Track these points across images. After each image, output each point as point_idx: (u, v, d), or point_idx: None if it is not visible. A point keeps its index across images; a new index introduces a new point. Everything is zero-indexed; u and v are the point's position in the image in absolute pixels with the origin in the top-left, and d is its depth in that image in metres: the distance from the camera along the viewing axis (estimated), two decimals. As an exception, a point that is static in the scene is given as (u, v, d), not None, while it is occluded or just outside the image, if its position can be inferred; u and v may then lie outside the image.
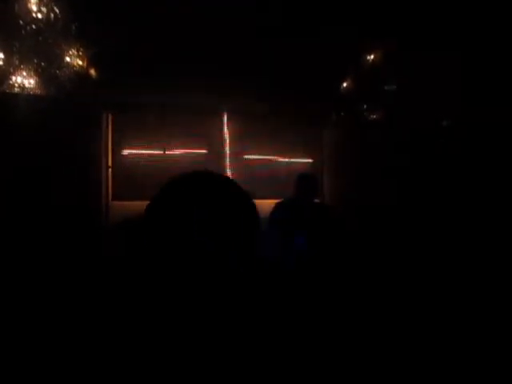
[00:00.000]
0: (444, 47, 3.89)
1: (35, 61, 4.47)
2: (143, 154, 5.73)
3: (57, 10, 4.25)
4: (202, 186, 0.92)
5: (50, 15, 4.23)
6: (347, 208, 5.73)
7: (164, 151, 5.79)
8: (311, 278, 3.21)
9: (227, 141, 6.17)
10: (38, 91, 4.60)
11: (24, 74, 4.49)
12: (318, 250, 3.48)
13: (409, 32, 4.26)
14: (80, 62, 4.79)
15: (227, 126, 6.19)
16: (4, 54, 4.32)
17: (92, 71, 4.97)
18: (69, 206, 4.42)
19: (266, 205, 4.99)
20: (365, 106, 5.50)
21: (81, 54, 4.75)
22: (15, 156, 4.23)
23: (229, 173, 6.08)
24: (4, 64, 4.36)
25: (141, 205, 4.92)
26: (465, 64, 3.74)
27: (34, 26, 4.22)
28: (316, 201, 4.19)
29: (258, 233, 0.95)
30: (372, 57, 5.12)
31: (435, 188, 4.14)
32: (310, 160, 6.57)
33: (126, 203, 5.43)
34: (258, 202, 5.33)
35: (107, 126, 5.53)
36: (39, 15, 4.20)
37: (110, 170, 5.51)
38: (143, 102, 5.62)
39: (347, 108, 5.94)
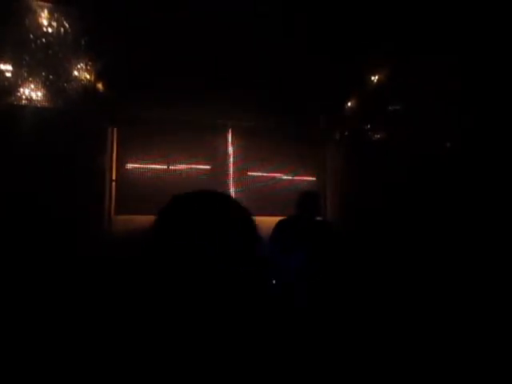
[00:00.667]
0: (448, 67, 3.92)
1: (43, 74, 4.52)
2: (147, 168, 5.75)
3: (67, 25, 4.32)
4: (204, 203, 0.93)
5: (60, 29, 4.30)
6: (350, 225, 5.72)
7: (168, 166, 5.81)
8: (311, 294, 3.19)
9: (231, 157, 6.19)
10: (46, 104, 4.65)
11: (32, 86, 4.55)
12: (318, 267, 3.47)
13: (414, 51, 4.30)
14: (88, 76, 4.85)
15: (231, 142, 6.22)
16: (13, 66, 4.38)
17: (99, 85, 5.03)
18: (72, 219, 4.42)
19: (268, 222, 5.00)
20: (368, 126, 5.53)
21: (89, 68, 4.81)
22: (21, 167, 4.26)
23: (232, 189, 6.09)
24: (13, 76, 4.42)
25: (144, 219, 4.93)
26: (468, 86, 3.77)
27: (43, 40, 4.29)
28: (318, 218, 4.19)
29: (257, 246, 0.95)
30: (376, 77, 5.17)
31: (435, 209, 4.14)
32: (314, 178, 6.58)
33: (129, 217, 5.44)
34: (260, 218, 5.32)
35: (112, 140, 5.56)
36: (49, 29, 4.27)
37: (113, 183, 5.53)
38: (148, 117, 5.66)
39: (351, 127, 5.98)
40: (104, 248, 4.64)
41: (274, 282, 3.93)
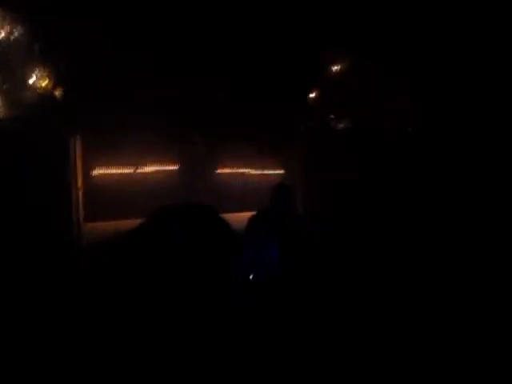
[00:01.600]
0: (408, 55, 4.01)
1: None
2: (114, 173, 5.66)
3: (18, 32, 4.20)
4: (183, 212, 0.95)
5: (10, 37, 4.18)
6: (319, 216, 5.78)
7: (135, 170, 5.74)
8: (283, 289, 3.21)
9: (199, 156, 6.17)
10: (4, 113, 4.51)
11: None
12: (290, 262, 3.48)
13: (372, 41, 4.38)
14: (47, 84, 4.72)
15: (198, 141, 6.19)
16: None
17: (57, 93, 4.90)
18: (40, 229, 4.32)
19: (238, 217, 5.00)
20: (332, 116, 5.60)
21: (47, 75, 4.68)
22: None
23: (200, 187, 6.03)
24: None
25: (112, 225, 4.82)
26: (426, 70, 3.86)
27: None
28: (292, 211, 4.22)
29: (230, 244, 0.97)
30: (336, 67, 5.23)
31: (401, 193, 4.23)
32: (282, 171, 6.62)
33: (97, 224, 5.36)
34: (231, 214, 5.30)
35: (75, 148, 5.42)
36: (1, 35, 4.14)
37: (80, 191, 5.42)
38: (111, 122, 5.54)
39: (315, 118, 6.03)
40: (75, 255, 4.55)
41: (251, 277, 3.92)
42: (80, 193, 5.38)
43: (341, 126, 5.42)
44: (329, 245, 4.69)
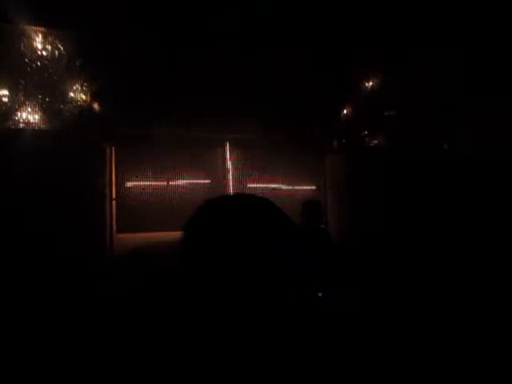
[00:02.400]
0: (447, 71, 3.95)
1: (40, 96, 4.54)
2: (147, 185, 5.74)
3: (61, 47, 4.35)
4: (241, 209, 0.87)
5: (54, 52, 4.33)
6: (351, 234, 5.70)
7: (168, 182, 5.81)
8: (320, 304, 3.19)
9: (230, 170, 6.19)
10: (43, 126, 4.66)
11: (29, 109, 4.56)
12: (324, 277, 3.47)
13: (408, 58, 4.34)
14: (84, 97, 4.87)
15: (230, 155, 6.23)
16: (9, 91, 4.40)
17: (96, 105, 5.04)
18: (74, 239, 4.40)
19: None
20: (366, 132, 5.55)
21: (85, 88, 4.83)
22: (22, 191, 4.25)
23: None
24: (9, 101, 4.44)
25: (145, 236, 4.89)
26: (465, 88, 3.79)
27: (39, 63, 4.32)
28: (322, 226, 4.19)
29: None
30: (371, 83, 5.20)
31: (436, 214, 4.13)
32: (314, 187, 6.58)
33: (130, 235, 5.42)
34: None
35: (111, 159, 5.56)
36: (44, 52, 4.30)
37: (114, 202, 5.52)
38: (146, 134, 5.66)
39: (349, 134, 5.99)
40: (107, 266, 4.61)
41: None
42: (114, 204, 5.49)
43: (375, 143, 5.35)
44: (357, 260, 4.62)
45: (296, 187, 6.47)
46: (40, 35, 4.23)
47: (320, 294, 3.52)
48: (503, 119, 3.68)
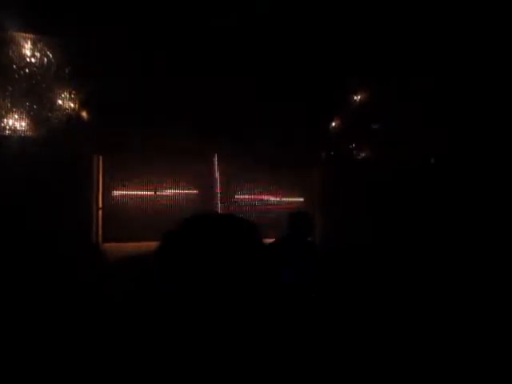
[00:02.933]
0: (433, 85, 4.01)
1: (27, 103, 4.51)
2: (134, 194, 5.70)
3: (50, 55, 4.33)
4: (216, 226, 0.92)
5: (43, 59, 4.31)
6: (338, 246, 5.71)
7: (155, 192, 5.78)
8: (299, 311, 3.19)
9: (218, 181, 6.19)
10: (30, 133, 4.62)
11: (16, 116, 4.52)
12: (304, 287, 3.48)
13: (395, 71, 4.39)
14: (72, 105, 4.84)
15: (218, 166, 6.23)
16: (-4, 97, 4.36)
17: (84, 113, 5.01)
18: (59, 247, 4.35)
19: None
20: (353, 145, 5.60)
21: (73, 96, 4.81)
22: (7, 197, 4.20)
23: (219, 211, 6.06)
24: (-4, 107, 4.40)
25: (132, 246, 4.85)
26: (450, 101, 3.85)
27: (27, 70, 4.29)
28: (309, 239, 4.19)
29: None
30: (359, 96, 5.26)
31: (423, 226, 4.16)
32: (302, 199, 6.60)
33: (116, 245, 5.37)
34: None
35: (98, 168, 5.52)
36: (33, 59, 4.27)
37: (100, 211, 5.47)
38: (133, 144, 5.64)
39: (337, 147, 6.04)
40: (93, 275, 4.55)
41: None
42: (100, 213, 5.44)
43: (362, 155, 5.40)
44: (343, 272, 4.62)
45: (284, 199, 6.49)
46: (29, 42, 4.20)
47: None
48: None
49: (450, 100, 3.87)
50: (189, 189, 6.04)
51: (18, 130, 4.54)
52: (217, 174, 6.23)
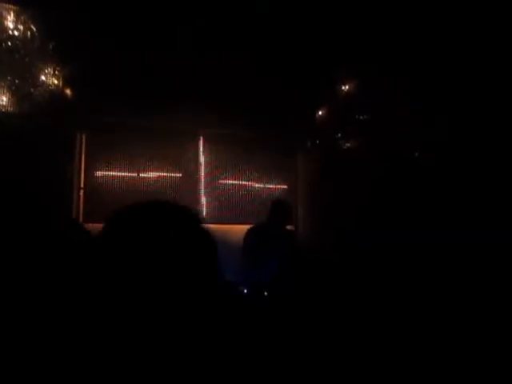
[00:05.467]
0: (420, 76, 4.01)
1: (9, 78, 4.40)
2: (116, 176, 5.64)
3: (34, 29, 4.22)
4: (155, 214, 0.92)
5: (26, 33, 4.20)
6: (321, 234, 5.75)
7: (138, 174, 5.72)
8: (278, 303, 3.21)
9: (202, 165, 6.15)
10: (11, 109, 4.52)
11: (-3, 91, 4.42)
12: (287, 274, 3.51)
13: (384, 61, 4.39)
14: (56, 81, 4.74)
15: (203, 150, 6.19)
16: (-23, 70, 4.25)
17: (67, 91, 4.92)
18: (40, 226, 4.28)
19: (239, 230, 4.99)
20: (339, 134, 5.60)
21: (57, 73, 4.71)
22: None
23: (203, 197, 6.04)
24: (-24, 80, 4.29)
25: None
26: (439, 93, 3.86)
27: (9, 43, 4.18)
28: (288, 227, 4.21)
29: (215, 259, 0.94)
30: (347, 86, 5.25)
31: (408, 216, 4.19)
32: (285, 186, 6.60)
33: (97, 225, 5.31)
34: (232, 227, 5.35)
35: (80, 147, 5.44)
36: (16, 32, 4.16)
37: (81, 191, 5.40)
38: (117, 124, 5.56)
39: (322, 135, 6.04)
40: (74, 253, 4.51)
41: (245, 291, 3.92)
42: (81, 193, 5.37)
43: (348, 145, 5.41)
44: (322, 263, 4.65)
45: (268, 185, 6.49)
46: (12, 14, 4.09)
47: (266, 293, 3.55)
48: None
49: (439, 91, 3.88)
50: (172, 171, 5.99)
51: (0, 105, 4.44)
52: (201, 158, 6.19)
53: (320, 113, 6.03)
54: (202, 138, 6.18)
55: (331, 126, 5.78)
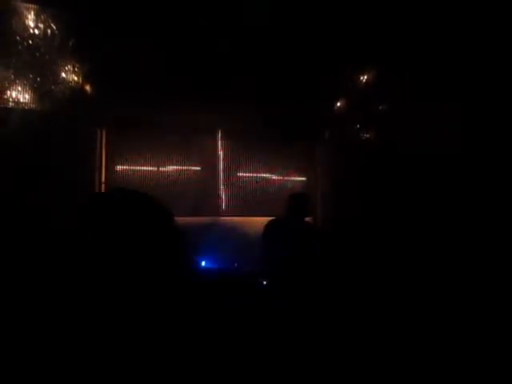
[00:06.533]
0: (444, 71, 3.94)
1: (31, 76, 4.48)
2: (136, 170, 5.72)
3: (54, 27, 4.28)
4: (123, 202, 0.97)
5: (47, 31, 4.26)
6: (340, 225, 5.73)
7: (158, 168, 5.78)
8: (295, 295, 3.21)
9: (221, 158, 6.19)
10: (33, 106, 4.61)
11: (19, 88, 4.50)
12: (303, 268, 3.52)
13: (405, 53, 4.32)
14: (76, 78, 4.81)
15: (221, 143, 6.22)
16: (-1, 68, 4.34)
17: (87, 87, 4.99)
18: (61, 221, 4.37)
19: (258, 222, 5.00)
20: (358, 126, 5.55)
21: (77, 70, 4.77)
22: (8, 171, 4.21)
23: (222, 190, 6.08)
24: (-1, 79, 4.38)
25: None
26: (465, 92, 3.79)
27: (30, 42, 4.25)
28: (306, 219, 4.21)
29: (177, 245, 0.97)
30: (366, 77, 5.19)
31: (426, 208, 4.15)
32: (304, 178, 6.59)
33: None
34: (250, 219, 5.37)
35: (101, 142, 5.53)
36: (36, 31, 4.23)
37: (103, 185, 5.49)
38: (137, 119, 5.63)
39: (341, 127, 5.99)
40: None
41: (264, 283, 3.95)
42: (103, 187, 5.47)
43: (366, 136, 5.36)
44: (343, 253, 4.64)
45: (286, 178, 6.48)
46: (32, 13, 4.15)
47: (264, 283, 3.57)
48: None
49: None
50: (192, 165, 6.04)
51: (21, 103, 4.53)
52: (220, 151, 6.22)
53: (339, 104, 5.97)
54: (220, 131, 6.21)
55: (350, 117, 5.72)
